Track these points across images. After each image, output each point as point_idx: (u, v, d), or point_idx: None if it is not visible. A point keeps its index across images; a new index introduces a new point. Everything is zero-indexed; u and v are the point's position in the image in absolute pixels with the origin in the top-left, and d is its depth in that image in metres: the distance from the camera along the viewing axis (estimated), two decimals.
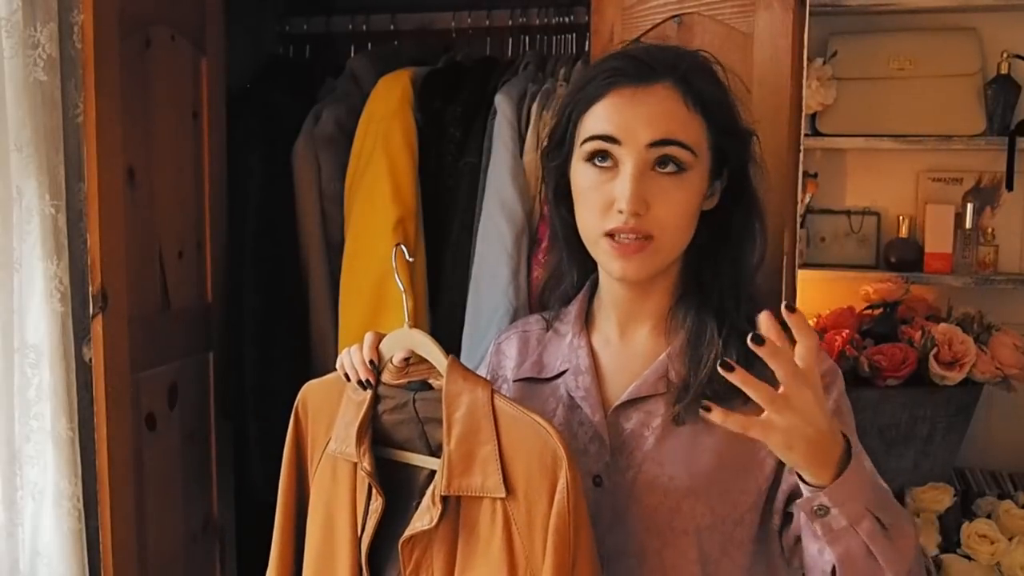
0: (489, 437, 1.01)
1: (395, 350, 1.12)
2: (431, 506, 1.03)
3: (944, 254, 2.15)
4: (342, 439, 1.11)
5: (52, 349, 1.56)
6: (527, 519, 1.00)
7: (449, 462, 1.02)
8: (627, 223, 1.03)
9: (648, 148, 1.03)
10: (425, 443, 1.09)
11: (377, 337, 1.12)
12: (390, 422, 1.10)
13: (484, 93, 1.76)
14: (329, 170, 1.82)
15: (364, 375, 1.10)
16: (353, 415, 1.11)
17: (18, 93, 1.50)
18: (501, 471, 1.00)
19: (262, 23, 2.15)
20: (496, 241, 1.63)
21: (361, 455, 1.08)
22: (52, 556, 1.58)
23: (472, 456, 1.02)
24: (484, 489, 1.01)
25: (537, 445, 1.00)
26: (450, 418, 1.03)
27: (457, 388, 1.04)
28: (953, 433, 1.94)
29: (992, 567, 1.80)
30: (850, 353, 1.87)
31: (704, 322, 1.09)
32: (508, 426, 1.02)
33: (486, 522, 1.02)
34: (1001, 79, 2.11)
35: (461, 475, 1.02)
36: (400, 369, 1.11)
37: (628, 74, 1.06)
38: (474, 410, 1.02)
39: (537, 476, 0.99)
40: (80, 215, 1.60)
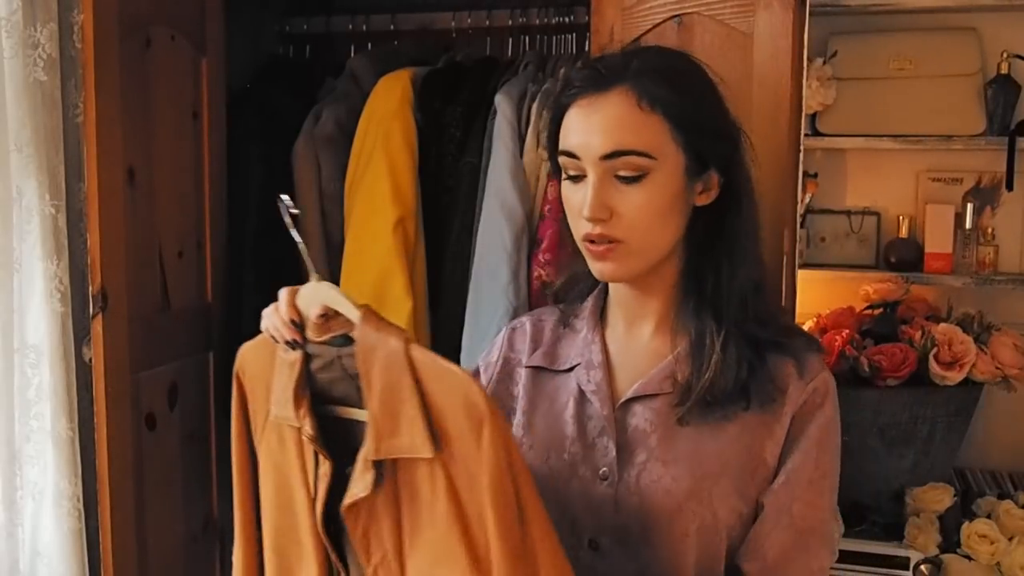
0: (411, 392, 0.93)
1: (311, 307, 1.05)
2: (364, 472, 0.96)
3: (944, 254, 2.15)
4: (281, 403, 1.04)
5: (52, 349, 1.56)
6: (467, 474, 0.93)
7: (375, 423, 0.95)
8: (593, 229, 1.06)
9: (602, 160, 1.05)
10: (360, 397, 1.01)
11: (292, 293, 1.07)
12: (325, 380, 1.03)
13: (484, 93, 1.76)
14: (329, 170, 1.82)
15: (290, 335, 1.04)
16: (287, 377, 1.04)
17: (18, 93, 1.51)
18: (428, 428, 0.93)
19: (262, 23, 2.15)
20: (496, 241, 1.63)
21: (301, 418, 1.01)
22: (52, 556, 1.58)
23: (397, 414, 0.94)
24: (412, 449, 0.93)
25: (460, 396, 0.92)
26: (368, 376, 0.95)
27: (370, 342, 0.96)
28: (953, 433, 1.94)
29: (992, 567, 1.79)
30: (850, 353, 1.87)
31: (704, 323, 1.09)
32: (430, 378, 0.94)
33: (425, 483, 0.95)
34: (1001, 79, 2.10)
35: (389, 436, 0.94)
36: (321, 325, 1.04)
37: (586, 84, 1.08)
38: (391, 364, 0.94)
39: (467, 429, 0.92)
40: (80, 215, 1.61)
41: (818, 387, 1.09)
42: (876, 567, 1.84)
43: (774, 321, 1.14)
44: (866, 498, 1.93)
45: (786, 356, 1.09)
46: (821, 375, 1.10)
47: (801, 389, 1.08)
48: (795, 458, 1.08)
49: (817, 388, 1.09)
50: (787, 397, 1.08)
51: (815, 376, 1.10)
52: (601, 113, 1.06)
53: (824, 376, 1.11)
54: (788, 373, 1.09)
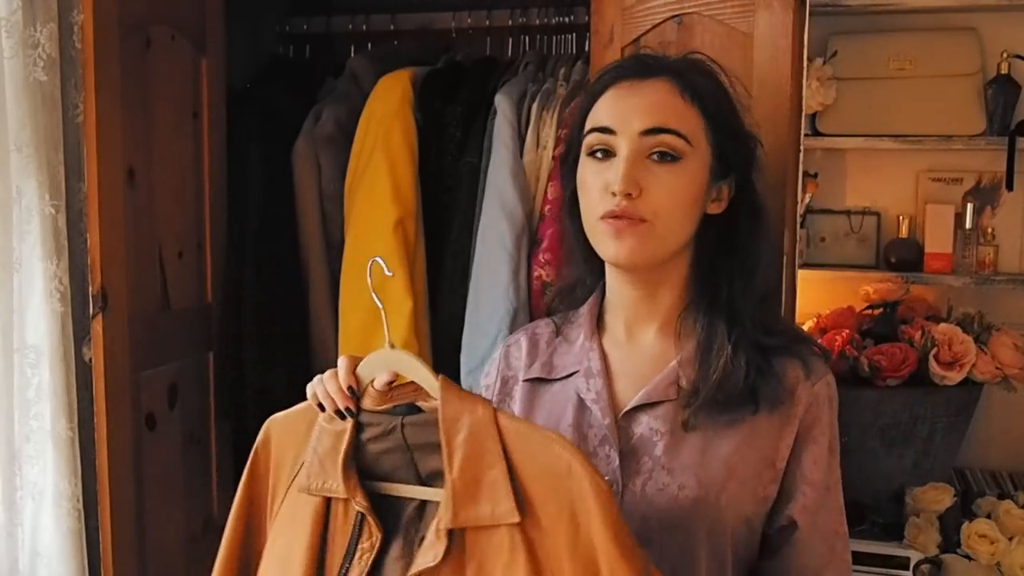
0: (496, 459, 0.93)
1: (375, 373, 1.03)
2: (435, 541, 0.93)
3: (944, 254, 2.15)
4: (316, 473, 1.01)
5: (52, 349, 1.56)
6: (552, 541, 0.92)
7: (453, 492, 0.93)
8: (619, 205, 1.05)
9: (641, 136, 1.05)
10: (414, 473, 1.00)
11: (353, 361, 1.04)
12: (374, 451, 1.01)
13: (484, 93, 1.76)
14: (329, 170, 1.82)
15: (343, 403, 1.01)
16: (331, 446, 1.01)
17: (18, 93, 1.50)
18: (512, 494, 0.92)
19: (262, 23, 2.15)
20: (496, 241, 1.63)
21: (352, 490, 0.99)
22: (52, 556, 1.58)
23: (478, 482, 0.93)
24: (495, 517, 0.92)
25: (550, 460, 0.92)
26: (450, 444, 0.94)
27: (454, 410, 0.95)
28: (953, 433, 1.94)
29: (992, 567, 1.79)
30: (850, 353, 1.87)
31: (715, 327, 1.09)
32: (516, 444, 0.93)
33: (502, 552, 0.93)
34: (1001, 79, 2.10)
35: (467, 504, 0.93)
36: (383, 393, 1.02)
37: (627, 70, 1.10)
38: (476, 432, 0.94)
39: (552, 493, 0.92)
40: (80, 215, 1.60)
41: (824, 390, 1.10)
42: (876, 567, 1.84)
43: (780, 329, 1.14)
44: (866, 498, 1.93)
45: (792, 358, 1.10)
46: (826, 377, 1.11)
47: (808, 390, 1.08)
48: (811, 467, 1.08)
49: (823, 391, 1.10)
50: (796, 399, 1.08)
51: (820, 378, 1.10)
52: (643, 94, 1.08)
53: (829, 379, 1.11)
54: (795, 375, 1.09)
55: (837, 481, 1.11)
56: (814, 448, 1.08)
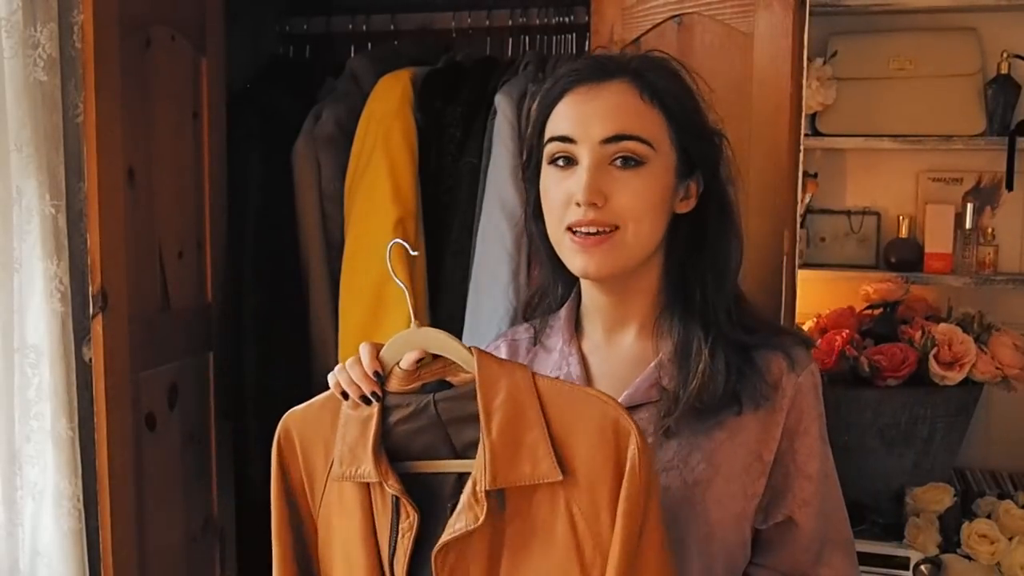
0: (536, 420, 0.93)
1: (402, 353, 1.02)
2: (472, 503, 0.94)
3: (944, 254, 2.15)
4: (348, 461, 1.01)
5: (52, 349, 1.56)
6: (590, 499, 0.92)
7: (492, 453, 0.93)
8: (586, 215, 1.03)
9: (602, 144, 1.04)
10: (450, 447, 1.00)
11: (375, 347, 1.04)
12: (406, 432, 1.01)
13: (484, 93, 1.76)
14: (329, 170, 1.82)
15: (370, 388, 1.01)
16: (359, 432, 1.01)
17: (18, 93, 1.50)
18: (553, 453, 0.92)
19: (262, 23, 2.15)
20: (496, 241, 1.63)
21: (384, 473, 0.99)
22: (52, 556, 1.58)
23: (518, 443, 0.93)
24: (536, 476, 0.93)
25: (595, 418, 0.93)
26: (488, 407, 0.94)
27: (492, 375, 0.95)
28: (953, 433, 1.94)
29: (992, 567, 1.79)
30: (850, 353, 1.87)
31: (691, 331, 1.08)
32: (557, 404, 0.94)
33: (543, 511, 0.94)
34: (1001, 79, 2.10)
35: (508, 465, 0.93)
36: (411, 373, 1.02)
37: (584, 74, 1.07)
38: (515, 394, 0.94)
39: (599, 452, 0.92)
40: (80, 215, 1.60)
41: (809, 379, 1.08)
42: (876, 567, 1.84)
43: (760, 325, 1.12)
44: (866, 498, 1.92)
45: (775, 351, 1.08)
46: (810, 367, 1.09)
47: (793, 381, 1.07)
48: (806, 460, 1.07)
49: (808, 380, 1.08)
50: (780, 392, 1.06)
51: (804, 368, 1.08)
52: (602, 99, 1.05)
53: (812, 368, 1.10)
54: (779, 367, 1.07)
55: (833, 467, 1.11)
56: (806, 439, 1.07)
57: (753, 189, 1.38)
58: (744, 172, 1.19)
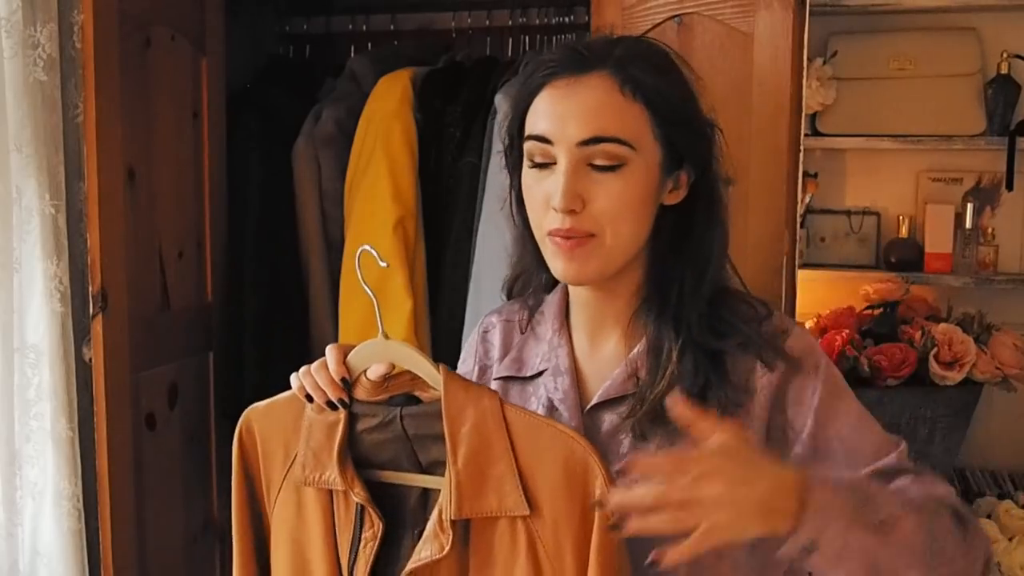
0: (503, 452, 0.92)
1: (368, 363, 1.00)
2: (438, 533, 0.93)
3: (944, 254, 2.15)
4: (312, 466, 1.00)
5: (52, 349, 1.56)
6: (554, 536, 0.91)
7: (458, 483, 0.92)
8: (564, 223, 0.99)
9: (579, 147, 0.99)
10: (414, 462, 0.99)
11: (342, 351, 1.01)
12: (371, 442, 0.99)
13: (484, 93, 1.76)
14: (329, 170, 1.82)
15: (336, 395, 0.98)
16: (324, 437, 0.99)
17: (18, 93, 1.51)
18: (521, 487, 0.91)
19: (262, 23, 2.15)
20: (496, 240, 1.62)
21: (349, 481, 0.98)
22: (52, 556, 1.58)
23: (484, 475, 0.92)
24: (502, 509, 0.92)
25: (562, 455, 0.91)
26: (454, 436, 0.93)
27: (458, 401, 0.94)
28: (953, 433, 1.94)
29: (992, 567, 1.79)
30: (850, 353, 1.87)
31: (662, 332, 1.04)
32: (524, 437, 0.92)
33: (504, 544, 0.93)
34: (1001, 79, 2.10)
35: (473, 497, 0.92)
36: (378, 384, 1.00)
37: (563, 65, 1.01)
38: (482, 424, 0.92)
39: (563, 489, 0.91)
40: (80, 215, 1.60)
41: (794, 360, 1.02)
42: None
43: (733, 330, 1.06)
44: None
45: (745, 351, 1.03)
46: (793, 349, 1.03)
47: (767, 379, 1.02)
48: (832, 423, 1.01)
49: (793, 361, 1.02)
50: (755, 395, 1.02)
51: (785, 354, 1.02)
52: (579, 96, 1.00)
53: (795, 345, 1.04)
54: (750, 369, 1.03)
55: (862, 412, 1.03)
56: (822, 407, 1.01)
57: (753, 189, 1.38)
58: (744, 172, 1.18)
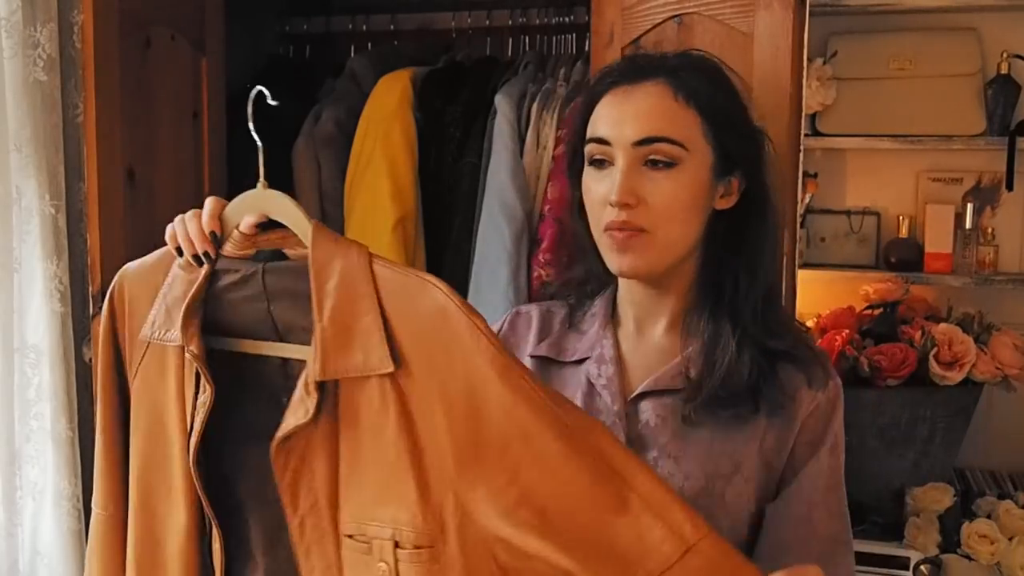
0: (370, 306, 0.86)
1: (243, 215, 0.95)
2: (304, 397, 0.87)
3: (944, 254, 2.15)
4: (161, 323, 0.93)
5: (52, 349, 1.56)
6: (424, 389, 0.85)
7: (323, 341, 0.86)
8: (618, 216, 1.05)
9: (635, 147, 1.06)
10: (271, 326, 0.92)
11: (220, 204, 0.98)
12: (231, 301, 0.93)
13: (484, 93, 1.76)
14: (329, 170, 1.82)
15: (202, 247, 0.95)
16: (181, 292, 0.93)
17: (18, 93, 1.51)
18: (387, 342, 0.85)
19: (262, 23, 2.15)
20: (496, 241, 1.63)
21: (188, 337, 0.90)
22: (52, 556, 1.58)
23: (350, 330, 0.86)
24: (367, 367, 0.85)
25: (425, 304, 0.85)
26: (320, 290, 0.87)
27: (326, 253, 0.88)
28: (953, 433, 1.94)
29: (992, 567, 1.79)
30: (850, 353, 1.87)
31: (720, 326, 1.09)
32: (391, 290, 0.87)
33: (374, 407, 0.86)
34: (1001, 79, 2.10)
35: (338, 354, 0.86)
36: (247, 237, 0.95)
37: (621, 75, 1.10)
38: (349, 278, 0.87)
39: (427, 339, 0.85)
40: (80, 215, 1.60)
41: (829, 396, 1.10)
42: (876, 567, 1.84)
43: (787, 332, 1.13)
44: (866, 498, 1.92)
45: (796, 366, 1.09)
46: (832, 383, 1.10)
47: (812, 397, 1.08)
48: (810, 467, 1.08)
49: (828, 397, 1.10)
50: (797, 405, 1.08)
51: (825, 385, 1.09)
52: (636, 101, 1.07)
53: (835, 384, 1.11)
54: (798, 382, 1.09)
55: (840, 483, 1.11)
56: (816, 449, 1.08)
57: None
58: None
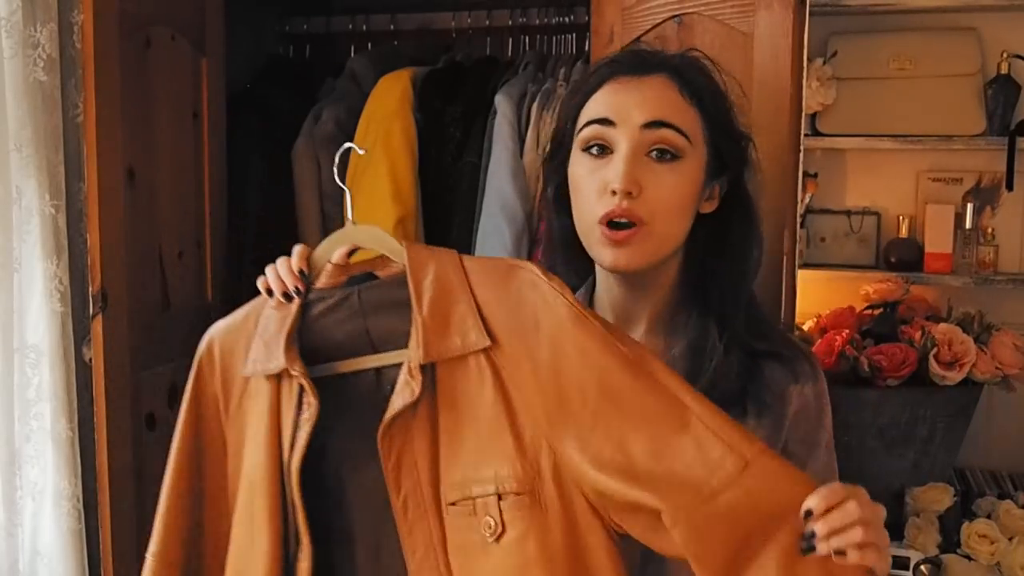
0: (462, 294, 0.96)
1: (331, 254, 1.05)
2: (408, 380, 0.95)
3: (944, 254, 2.15)
4: (261, 357, 1.01)
5: (52, 349, 1.56)
6: (515, 360, 0.95)
7: (424, 328, 0.95)
8: (620, 204, 1.03)
9: (642, 129, 1.04)
10: (367, 340, 1.01)
11: (307, 249, 1.06)
12: (323, 326, 1.02)
13: (484, 93, 1.76)
14: (329, 170, 1.82)
15: (292, 283, 1.03)
16: (277, 328, 1.02)
17: (18, 93, 1.51)
18: (481, 322, 0.95)
19: (262, 23, 2.15)
20: (496, 241, 1.63)
21: (291, 359, 0.99)
22: (52, 556, 1.58)
23: (447, 317, 0.96)
24: (465, 346, 0.95)
25: (511, 280, 0.96)
26: (418, 287, 0.97)
27: (422, 257, 0.99)
28: (953, 433, 1.94)
29: (992, 567, 1.79)
30: (850, 353, 1.86)
31: (706, 328, 1.09)
32: (479, 278, 0.97)
33: (472, 381, 0.96)
34: (1001, 79, 2.10)
35: (437, 339, 0.95)
36: (339, 268, 1.04)
37: (625, 66, 1.08)
38: (443, 273, 0.97)
39: (516, 309, 0.95)
40: (80, 215, 1.61)
41: (817, 391, 1.10)
42: None
43: (771, 332, 1.13)
44: None
45: (782, 364, 1.09)
46: (814, 379, 1.10)
47: (798, 393, 1.08)
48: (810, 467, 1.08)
49: (816, 392, 1.09)
50: (785, 404, 1.08)
51: (811, 381, 1.09)
52: (643, 89, 1.06)
53: (817, 380, 1.11)
54: (785, 381, 1.08)
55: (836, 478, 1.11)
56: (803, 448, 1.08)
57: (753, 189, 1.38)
58: None
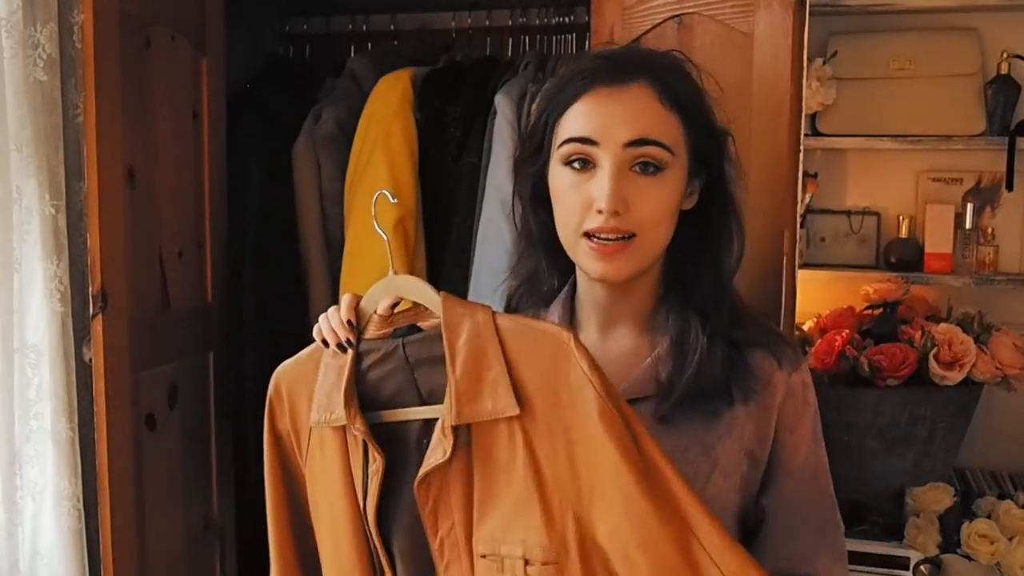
0: (496, 358, 0.98)
1: (378, 302, 1.08)
2: (441, 439, 0.99)
3: (944, 254, 2.15)
4: (324, 407, 1.06)
5: (52, 349, 1.56)
6: (547, 431, 0.97)
7: (456, 390, 0.98)
8: (607, 223, 1.03)
9: (625, 148, 1.03)
10: (415, 392, 1.04)
11: (355, 298, 1.08)
12: (375, 377, 1.05)
13: (484, 93, 1.76)
14: (329, 170, 1.82)
15: (344, 335, 1.06)
16: (335, 378, 1.06)
17: (18, 93, 1.51)
18: (512, 389, 0.97)
19: (262, 23, 2.15)
20: (496, 241, 1.63)
21: (352, 417, 1.03)
22: (52, 556, 1.58)
23: (480, 380, 0.98)
24: (496, 411, 0.97)
25: (546, 348, 0.97)
26: (452, 347, 0.99)
27: (456, 316, 1.00)
28: (953, 433, 1.94)
29: (992, 567, 1.79)
30: (850, 353, 1.87)
31: (688, 321, 1.08)
32: (513, 342, 0.98)
33: (503, 446, 0.98)
34: (1001, 79, 2.10)
35: (470, 402, 0.98)
36: (385, 319, 1.07)
37: (603, 75, 1.05)
38: (476, 335, 0.99)
39: (550, 379, 0.97)
40: (80, 215, 1.61)
41: (803, 379, 1.10)
42: (876, 567, 1.84)
43: (751, 322, 1.13)
44: (866, 498, 1.92)
45: (765, 350, 1.09)
46: (800, 366, 1.10)
47: (784, 380, 1.08)
48: (797, 456, 1.08)
49: (802, 380, 1.09)
50: (771, 389, 1.07)
51: (796, 367, 1.09)
52: (624, 102, 1.04)
53: (805, 367, 1.11)
54: (769, 367, 1.08)
55: (825, 468, 1.11)
56: (792, 436, 1.08)
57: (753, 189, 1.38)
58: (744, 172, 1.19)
